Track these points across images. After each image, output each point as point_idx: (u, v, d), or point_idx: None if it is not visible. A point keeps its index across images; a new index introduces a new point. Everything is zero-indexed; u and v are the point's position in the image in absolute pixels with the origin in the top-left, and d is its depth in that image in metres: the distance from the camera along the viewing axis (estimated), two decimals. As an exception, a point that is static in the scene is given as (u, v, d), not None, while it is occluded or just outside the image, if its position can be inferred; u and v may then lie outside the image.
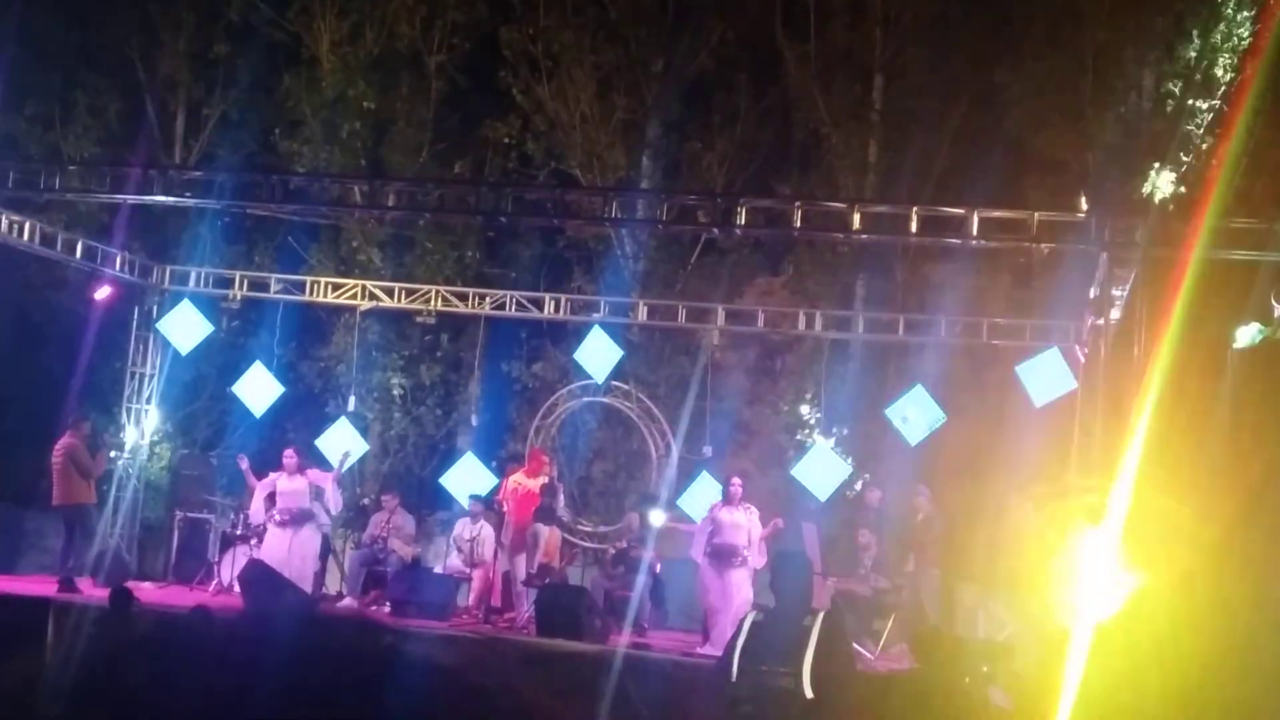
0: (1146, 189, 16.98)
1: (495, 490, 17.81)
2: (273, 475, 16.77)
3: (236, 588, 15.70)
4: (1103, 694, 10.58)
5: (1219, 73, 17.88)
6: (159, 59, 23.84)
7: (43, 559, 18.87)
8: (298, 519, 16.43)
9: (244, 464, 17.22)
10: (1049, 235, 14.98)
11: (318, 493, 16.86)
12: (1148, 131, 18.63)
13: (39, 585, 16.17)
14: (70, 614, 13.90)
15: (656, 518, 16.61)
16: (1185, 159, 17.45)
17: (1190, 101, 17.97)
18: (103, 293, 18.95)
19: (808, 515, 17.76)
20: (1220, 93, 17.71)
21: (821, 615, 6.95)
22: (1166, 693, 10.03)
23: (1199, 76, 18.01)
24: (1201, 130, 17.72)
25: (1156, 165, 17.36)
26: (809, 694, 6.56)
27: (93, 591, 15.36)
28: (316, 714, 1.83)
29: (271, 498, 16.69)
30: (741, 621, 7.14)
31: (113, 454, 18.84)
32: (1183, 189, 16.78)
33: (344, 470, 17.86)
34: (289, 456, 16.79)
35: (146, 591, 15.54)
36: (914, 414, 17.22)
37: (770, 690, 6.71)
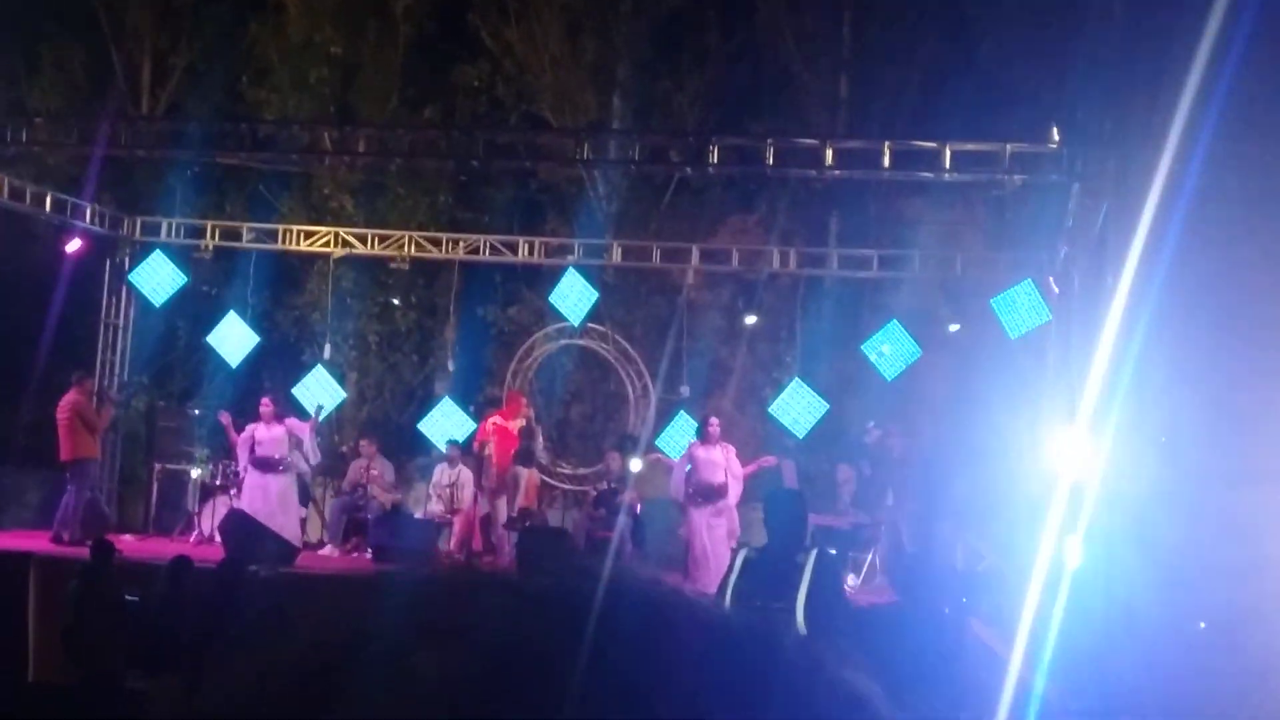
0: None
1: (473, 434, 17.81)
2: (250, 426, 16.73)
3: (217, 538, 15.72)
4: (1079, 574, 10.73)
5: None
6: (124, 9, 23.60)
7: (22, 514, 18.83)
8: (276, 466, 16.40)
9: (226, 419, 17.17)
10: (1021, 167, 15.01)
11: (296, 442, 16.81)
12: (1120, 61, 18.60)
13: (19, 540, 16.15)
14: (54, 568, 13.92)
15: (634, 465, 16.66)
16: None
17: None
18: (73, 246, 18.84)
19: (786, 453, 17.83)
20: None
21: (815, 552, 7.00)
22: (1147, 570, 10.17)
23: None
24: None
25: None
26: (802, 630, 6.62)
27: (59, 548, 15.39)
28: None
29: (252, 448, 16.65)
30: (734, 558, 7.20)
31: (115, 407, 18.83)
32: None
33: (320, 420, 17.81)
34: (265, 405, 16.75)
35: (127, 544, 15.55)
36: (890, 349, 17.28)
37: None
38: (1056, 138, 15.75)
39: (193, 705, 0.80)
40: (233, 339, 18.80)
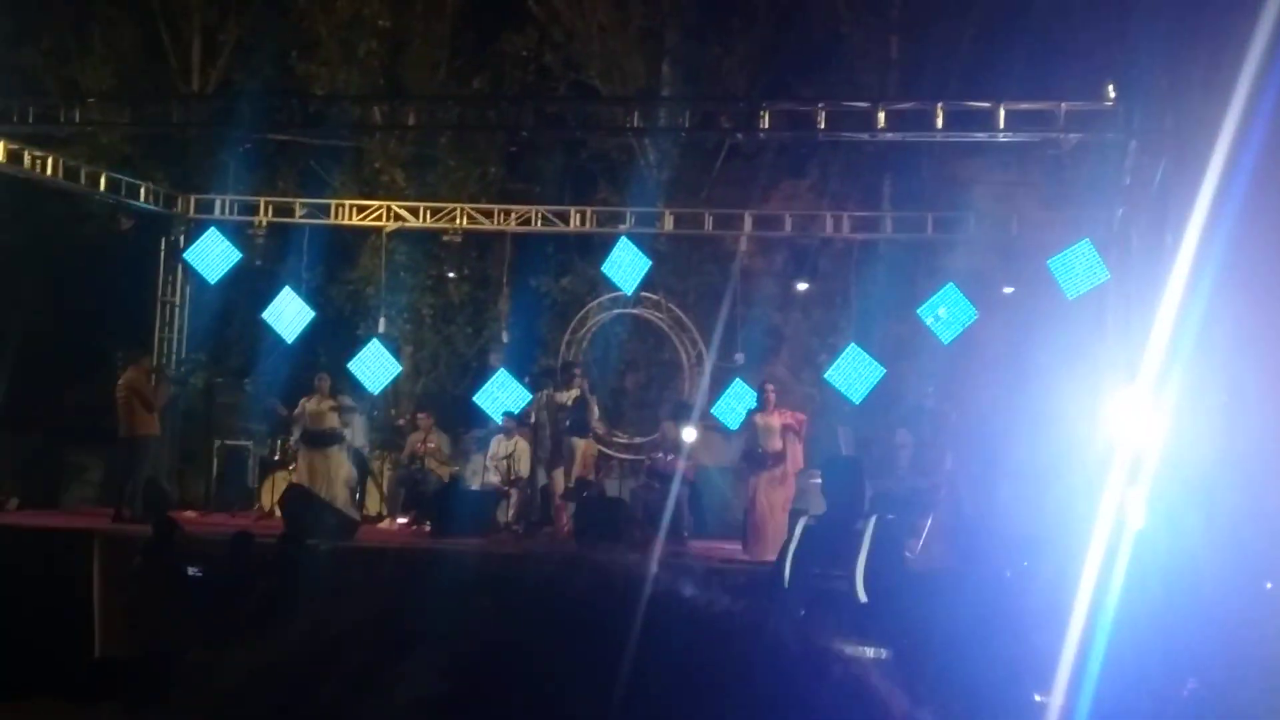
0: None
1: (529, 405, 17.82)
2: (302, 400, 16.82)
3: (277, 513, 15.82)
4: (1141, 536, 10.62)
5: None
6: (172, -15, 23.69)
7: (84, 492, 19.04)
8: (327, 440, 16.46)
9: (282, 410, 17.32)
10: (1077, 125, 14.82)
11: (349, 418, 16.89)
12: (1178, 14, 18.33)
13: (83, 518, 16.32)
14: (117, 545, 14.06)
15: (688, 434, 16.59)
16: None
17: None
18: (127, 223, 19.02)
19: (842, 419, 17.74)
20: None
21: (874, 519, 6.94)
22: (1211, 536, 10.04)
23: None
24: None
25: None
26: (862, 597, 6.57)
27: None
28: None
29: (304, 422, 16.74)
30: (793, 527, 7.15)
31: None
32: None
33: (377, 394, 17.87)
34: (321, 380, 16.83)
35: (189, 520, 15.67)
36: (946, 312, 17.13)
37: (824, 594, 6.72)
38: (1113, 94, 15.54)
39: (253, 677, 0.79)
40: (288, 315, 18.86)
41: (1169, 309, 10.96)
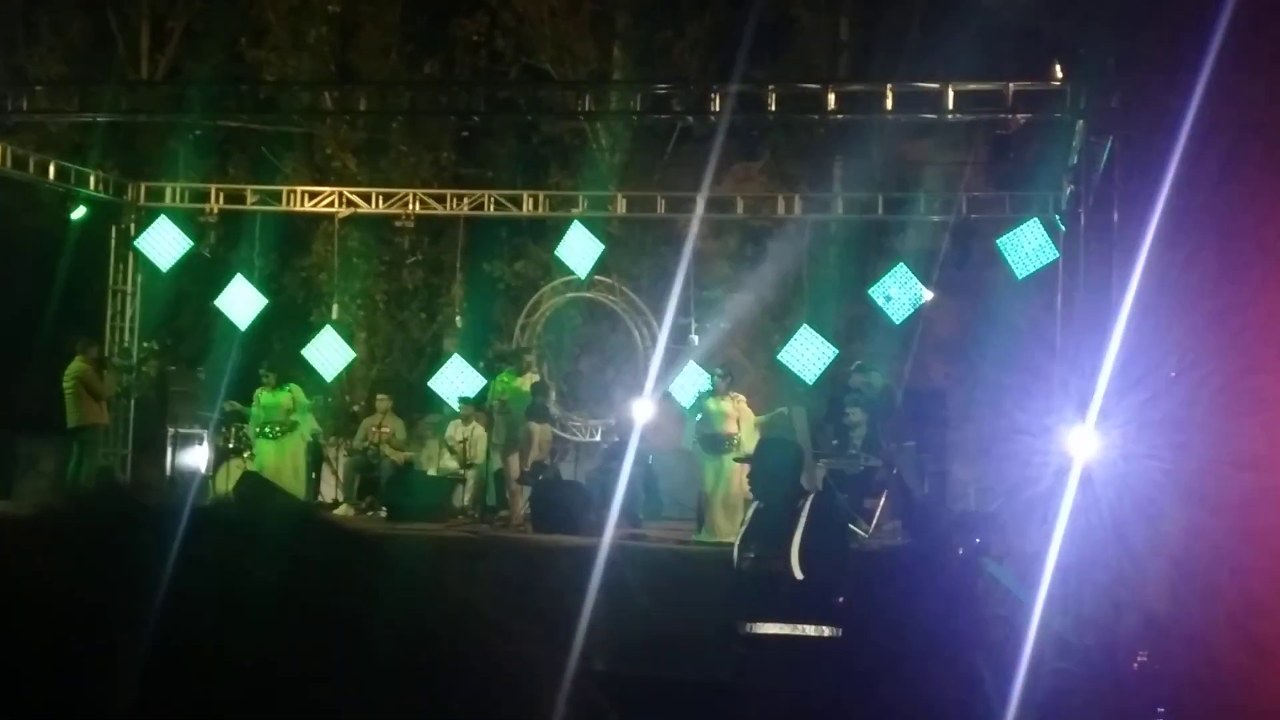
0: None
1: (484, 390, 17.83)
2: (257, 391, 16.79)
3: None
4: (1084, 534, 10.73)
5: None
6: (120, -29, 23.48)
7: (38, 483, 18.91)
8: (283, 429, 16.42)
9: (228, 408, 17.33)
10: (1025, 105, 14.91)
11: (303, 408, 16.87)
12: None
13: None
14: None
15: (641, 410, 16.62)
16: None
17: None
18: (78, 212, 18.87)
19: (796, 399, 17.82)
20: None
21: (811, 498, 7.00)
22: (1151, 544, 10.14)
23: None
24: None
25: None
26: (798, 575, 6.65)
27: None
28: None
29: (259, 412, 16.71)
30: (746, 511, 7.24)
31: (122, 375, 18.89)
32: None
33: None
34: (268, 376, 16.81)
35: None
36: (897, 292, 17.24)
37: (762, 575, 6.80)
38: (1060, 75, 15.65)
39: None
40: (241, 302, 18.81)
41: (1120, 300, 11.05)
